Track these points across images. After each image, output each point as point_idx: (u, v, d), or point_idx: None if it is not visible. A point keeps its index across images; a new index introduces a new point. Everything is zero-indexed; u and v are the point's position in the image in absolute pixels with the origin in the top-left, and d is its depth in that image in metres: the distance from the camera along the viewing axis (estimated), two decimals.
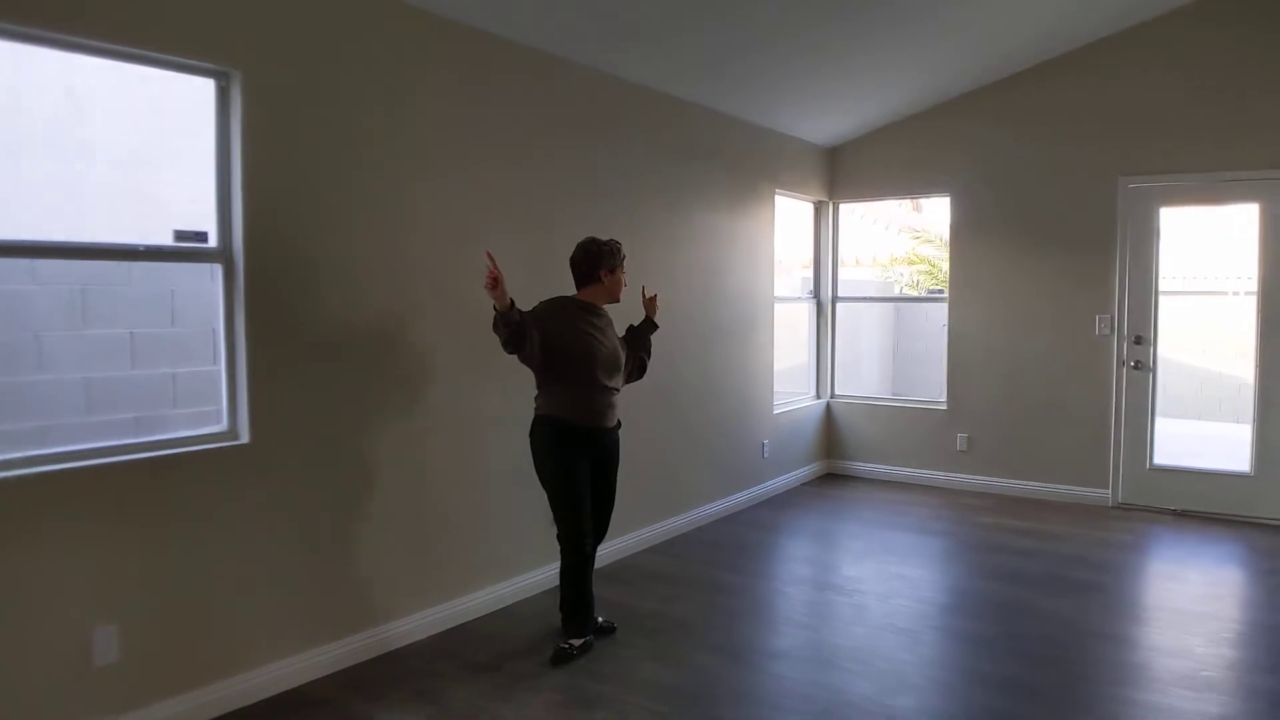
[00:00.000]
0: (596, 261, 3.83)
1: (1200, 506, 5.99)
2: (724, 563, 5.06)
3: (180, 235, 3.26)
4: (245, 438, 3.33)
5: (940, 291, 8.37)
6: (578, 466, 3.75)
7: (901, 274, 12.56)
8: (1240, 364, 6.24)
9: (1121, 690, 3.45)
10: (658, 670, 3.65)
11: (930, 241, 12.35)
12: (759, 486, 6.45)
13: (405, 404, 3.89)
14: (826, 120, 6.62)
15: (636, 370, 4.12)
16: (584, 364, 3.71)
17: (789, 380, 6.96)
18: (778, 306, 6.66)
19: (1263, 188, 5.69)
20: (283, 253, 3.40)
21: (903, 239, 13.30)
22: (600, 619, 4.04)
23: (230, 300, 3.32)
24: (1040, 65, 6.32)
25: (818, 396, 7.39)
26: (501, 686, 3.49)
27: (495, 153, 4.25)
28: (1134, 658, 3.77)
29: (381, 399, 3.79)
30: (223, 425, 3.35)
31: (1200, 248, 8.38)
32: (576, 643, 3.77)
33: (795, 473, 6.94)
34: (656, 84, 5.19)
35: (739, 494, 6.21)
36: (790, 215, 7.04)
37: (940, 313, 9.46)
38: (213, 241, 3.30)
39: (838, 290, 7.50)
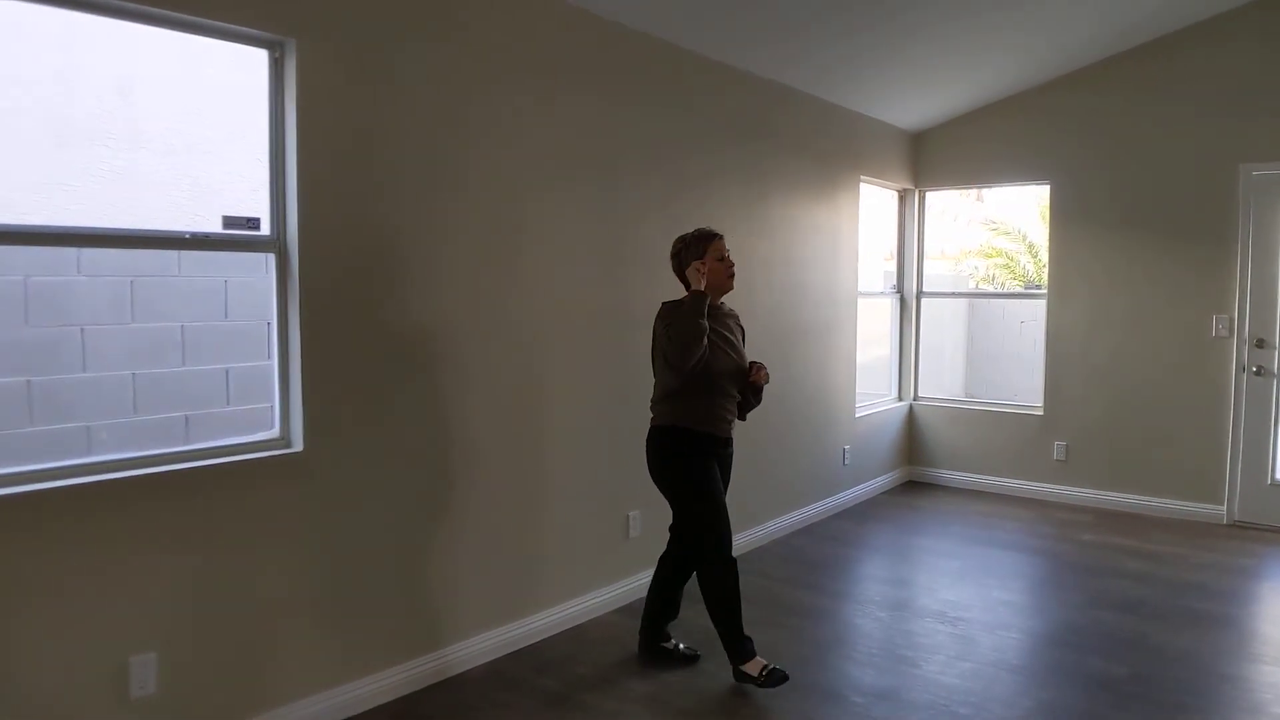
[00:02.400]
0: (677, 267, 3.55)
1: None
2: (807, 581, 4.66)
3: (229, 221, 2.96)
4: (299, 445, 3.03)
5: (1037, 287, 7.85)
6: (715, 474, 3.47)
7: (975, 268, 11.99)
8: None
9: None
10: (747, 710, 3.27)
11: (1007, 234, 11.76)
12: (838, 495, 6.03)
13: (472, 410, 3.56)
14: (913, 102, 6.15)
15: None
16: (715, 371, 3.41)
17: (864, 380, 6.51)
18: (859, 302, 6.23)
19: None
20: (341, 241, 3.09)
21: (974, 230, 12.68)
22: (682, 645, 3.69)
23: (284, 294, 3.02)
24: (1151, 42, 5.78)
25: (899, 399, 6.94)
26: None
27: (566, 133, 3.89)
28: None
29: (447, 404, 3.46)
30: (274, 431, 3.05)
31: None
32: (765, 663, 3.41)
33: (875, 481, 6.50)
34: (732, 60, 4.78)
35: (817, 504, 5.80)
36: (868, 204, 6.57)
37: (1022, 310, 8.95)
38: (265, 229, 2.99)
39: (923, 285, 7.03)
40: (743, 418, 3.64)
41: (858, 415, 6.23)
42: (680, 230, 4.44)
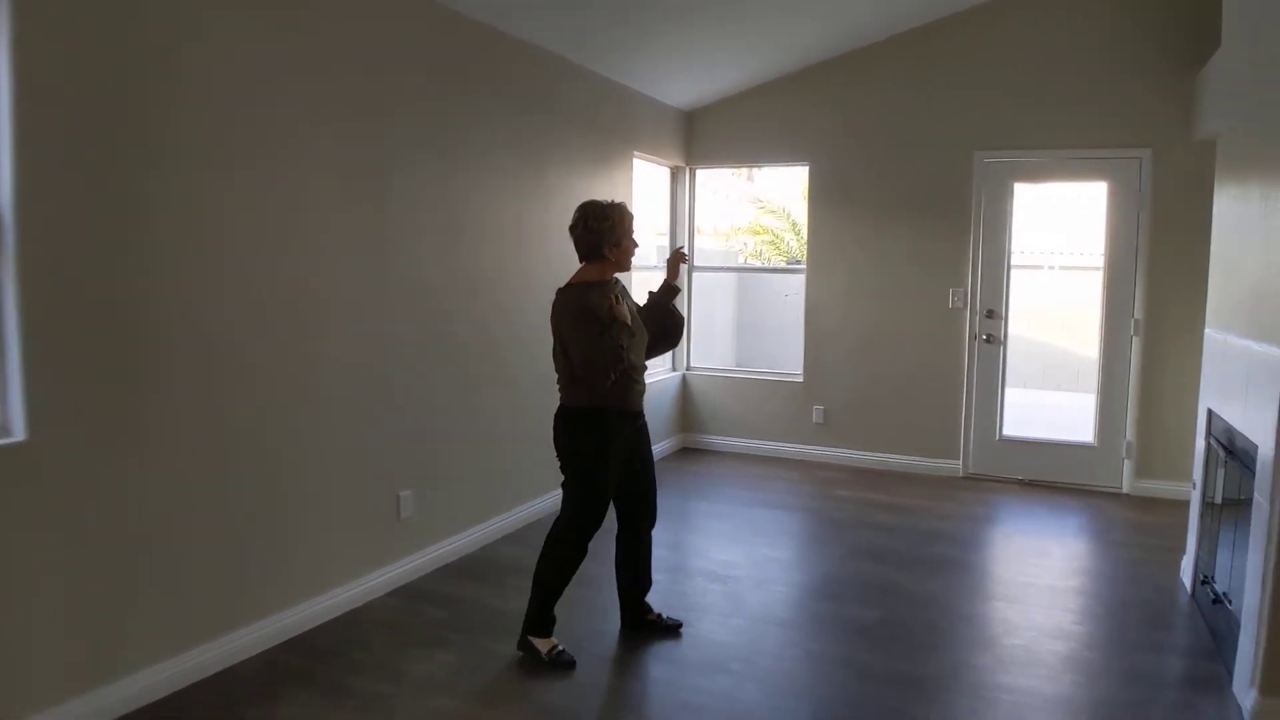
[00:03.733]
0: (599, 240, 3.36)
1: (1046, 476, 6.14)
2: (589, 549, 4.70)
3: None
4: (20, 434, 2.68)
5: (797, 262, 8.29)
6: (616, 456, 3.45)
7: (745, 244, 12.55)
8: (1086, 337, 6.41)
9: (1013, 679, 3.34)
10: (529, 684, 3.27)
11: (773, 212, 12.38)
12: None
13: (229, 392, 3.29)
14: (685, 81, 6.30)
15: (663, 344, 3.75)
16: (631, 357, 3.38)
17: None
18: (634, 276, 6.33)
19: (1111, 166, 5.81)
20: (72, 206, 2.75)
21: (743, 208, 13.24)
22: (665, 616, 3.78)
23: None
24: (902, 35, 6.22)
25: (674, 369, 7.15)
26: (355, 712, 3.02)
27: (322, 102, 3.65)
28: (1017, 640, 3.69)
29: (199, 386, 3.18)
30: None
31: (1052, 224, 8.66)
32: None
33: (652, 448, 6.64)
34: (507, 27, 4.69)
35: None
36: (642, 181, 6.69)
37: (786, 284, 9.45)
38: None
39: (694, 259, 7.26)
40: (670, 343, 3.82)
41: None
42: (451, 201, 4.36)
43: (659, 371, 6.97)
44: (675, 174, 7.10)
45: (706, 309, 7.79)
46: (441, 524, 4.42)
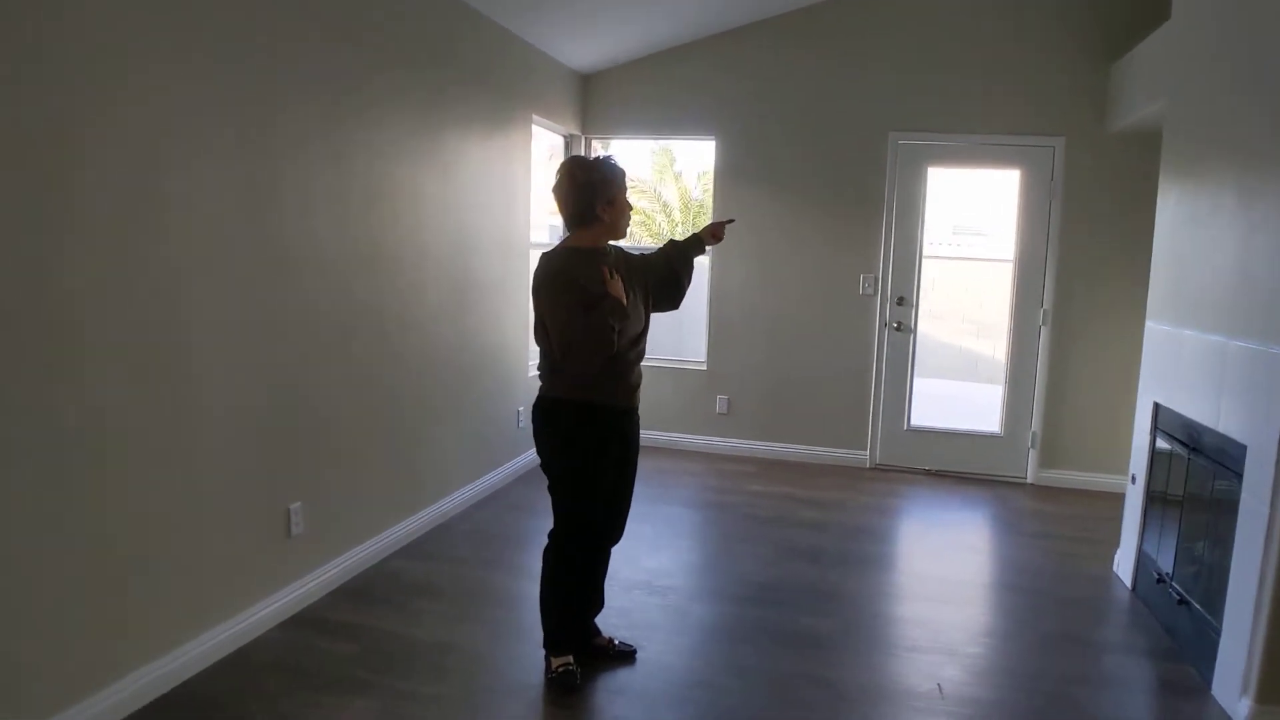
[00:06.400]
0: (590, 196, 2.87)
1: (953, 466, 6.06)
2: (499, 560, 4.21)
3: None
4: None
5: None
6: (604, 453, 2.99)
7: None
8: (992, 329, 6.38)
9: (983, 692, 3.11)
10: None
11: (644, 193, 12.07)
12: (514, 461, 5.62)
13: (87, 398, 2.60)
14: (583, 40, 5.77)
15: (667, 300, 3.25)
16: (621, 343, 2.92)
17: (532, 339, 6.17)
18: (532, 254, 5.82)
19: (1024, 154, 5.74)
20: None
21: None
22: (617, 641, 3.33)
23: None
24: (818, 5, 5.94)
25: None
26: None
27: (193, 50, 2.98)
28: (977, 649, 3.47)
29: (26, 385, 2.49)
30: None
31: (963, 214, 8.66)
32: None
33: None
34: None
35: (494, 472, 5.35)
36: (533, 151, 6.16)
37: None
38: None
39: None
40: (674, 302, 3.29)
41: (531, 374, 5.85)
42: (345, 164, 3.75)
43: None
44: (570, 144, 6.60)
45: None
46: (337, 538, 3.82)
